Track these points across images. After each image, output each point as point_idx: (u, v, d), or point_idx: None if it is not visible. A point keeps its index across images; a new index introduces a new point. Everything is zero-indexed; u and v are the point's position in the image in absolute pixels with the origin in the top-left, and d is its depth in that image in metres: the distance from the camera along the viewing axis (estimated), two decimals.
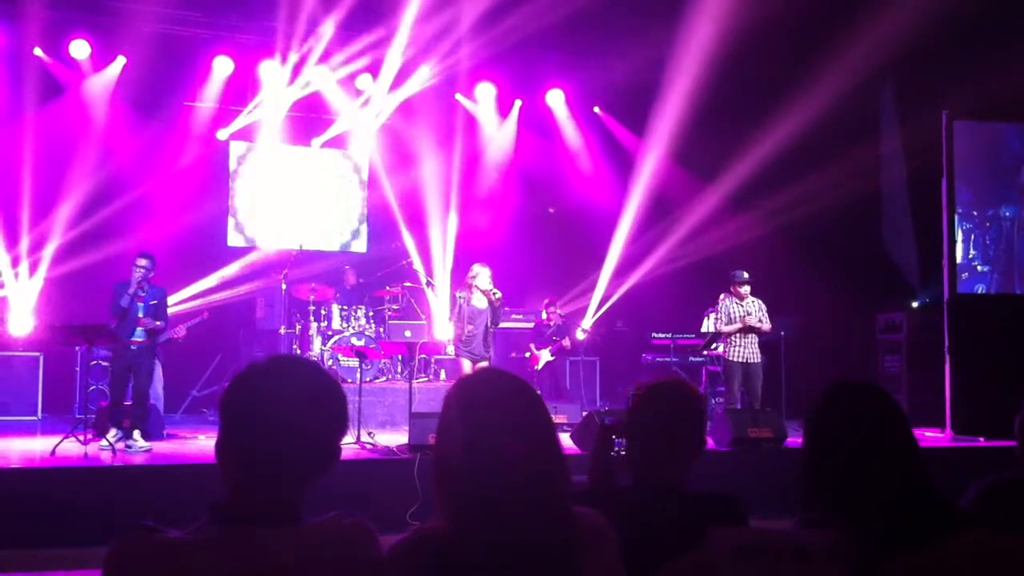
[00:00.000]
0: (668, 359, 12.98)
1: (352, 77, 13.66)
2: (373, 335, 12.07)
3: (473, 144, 14.65)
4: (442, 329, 12.50)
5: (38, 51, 12.25)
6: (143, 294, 9.02)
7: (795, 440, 8.95)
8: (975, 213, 10.97)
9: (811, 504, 2.19)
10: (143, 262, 9.05)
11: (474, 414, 1.96)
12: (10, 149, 11.81)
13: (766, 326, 10.47)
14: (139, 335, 9.01)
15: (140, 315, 9.00)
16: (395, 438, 9.13)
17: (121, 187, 12.32)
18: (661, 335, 13.22)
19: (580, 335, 13.10)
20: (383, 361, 12.10)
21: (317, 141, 14.19)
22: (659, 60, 12.27)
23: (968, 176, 10.95)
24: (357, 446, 8.76)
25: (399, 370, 12.25)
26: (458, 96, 14.41)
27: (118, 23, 11.88)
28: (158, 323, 9.14)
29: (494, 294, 9.90)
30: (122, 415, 8.88)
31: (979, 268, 10.97)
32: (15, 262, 11.90)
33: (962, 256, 10.86)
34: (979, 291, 10.99)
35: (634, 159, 13.99)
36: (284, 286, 11.82)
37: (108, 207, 12.19)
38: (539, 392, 2.10)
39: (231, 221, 13.80)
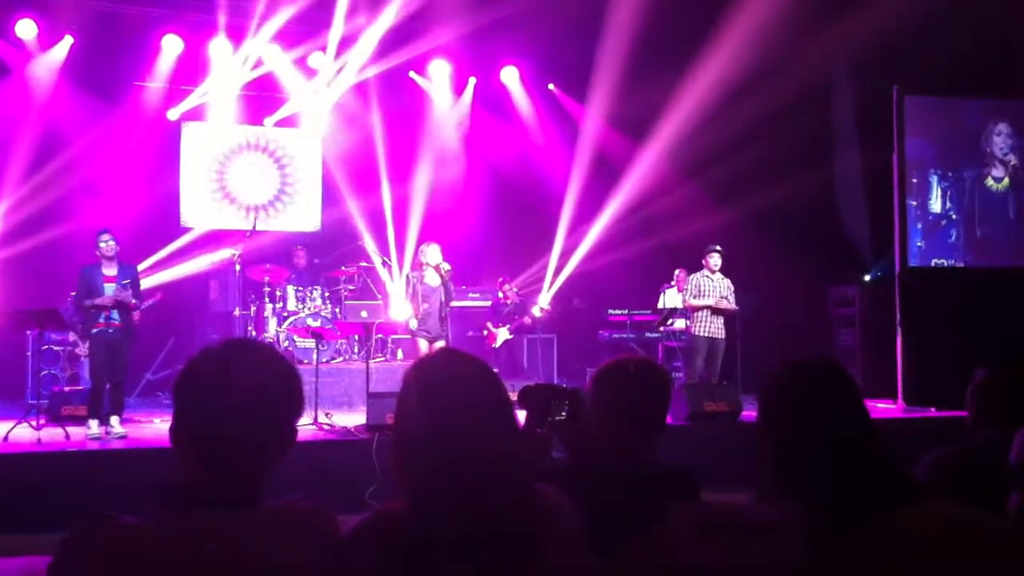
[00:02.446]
0: (625, 335, 13.05)
1: (305, 55, 13.52)
2: (329, 316, 12.01)
3: (427, 123, 14.55)
4: (398, 309, 12.47)
5: None
6: (113, 274, 8.82)
7: (750, 414, 9.04)
8: (951, 173, 11.30)
9: (769, 479, 2.22)
10: (107, 237, 8.81)
11: (432, 395, 1.96)
12: None
13: (732, 306, 10.60)
14: (115, 317, 8.73)
15: (112, 295, 8.71)
16: (353, 418, 9.13)
17: (71, 169, 12.12)
18: (618, 312, 13.29)
19: (538, 312, 13.13)
20: (340, 342, 12.05)
21: (270, 120, 14.03)
22: (614, 35, 12.30)
23: (934, 139, 11.27)
24: (315, 427, 8.74)
25: (356, 350, 12.21)
26: (412, 74, 14.30)
27: (65, 2, 11.63)
28: (134, 300, 8.93)
29: (443, 268, 9.94)
30: (103, 403, 8.68)
31: (953, 216, 11.40)
32: None
33: (940, 208, 11.34)
34: (953, 237, 11.38)
35: (588, 136, 14.01)
36: (238, 267, 11.70)
37: (57, 189, 11.99)
38: (496, 370, 2.10)
39: (184, 202, 13.62)
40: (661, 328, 12.37)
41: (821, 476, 2.09)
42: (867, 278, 13.05)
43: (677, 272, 12.31)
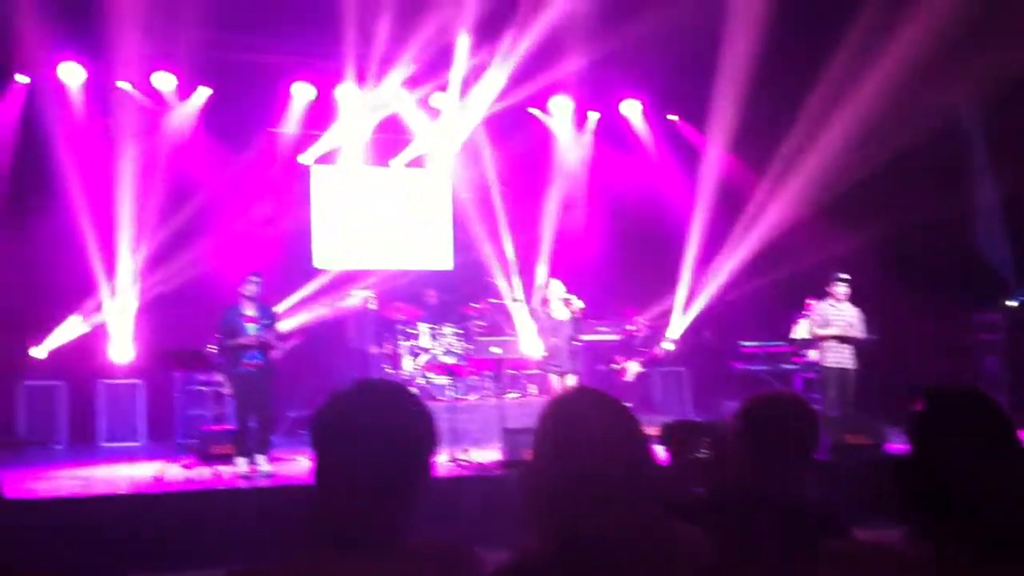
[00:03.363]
0: (759, 367, 12.81)
1: (428, 96, 13.79)
2: (462, 352, 12.14)
3: (551, 158, 14.66)
4: (530, 344, 12.52)
5: (123, 84, 12.57)
6: (254, 314, 9.14)
7: (894, 446, 8.76)
8: None
9: (913, 513, 2.16)
10: (255, 279, 9.16)
11: (567, 433, 1.97)
12: (100, 181, 12.18)
13: (861, 335, 10.27)
14: (257, 357, 9.04)
15: (254, 335, 9.05)
16: (488, 455, 9.18)
17: (208, 214, 12.66)
18: (750, 343, 13.05)
19: (668, 345, 13.01)
20: (473, 377, 12.15)
21: (397, 161, 14.33)
22: (733, 63, 12.20)
23: None
24: (451, 464, 8.81)
25: (489, 386, 12.29)
26: (533, 110, 14.45)
27: (199, 54, 12.09)
28: (278, 344, 9.22)
29: (575, 304, 9.96)
30: (248, 441, 8.97)
31: None
32: (113, 291, 12.23)
33: None
34: None
35: (712, 166, 13.90)
36: (372, 306, 11.94)
37: (196, 234, 12.54)
38: (631, 407, 2.09)
39: (316, 243, 13.98)
40: (796, 359, 12.12)
41: (969, 509, 2.02)
42: (1012, 303, 12.54)
43: (810, 302, 12.04)
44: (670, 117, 14.79)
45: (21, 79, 12.22)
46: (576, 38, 12.11)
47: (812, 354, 11.66)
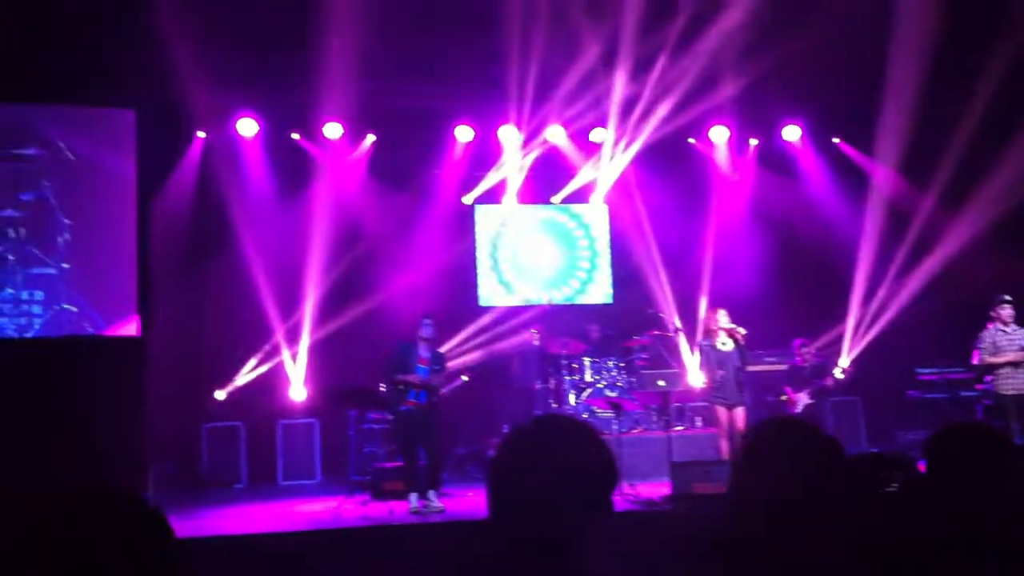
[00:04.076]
0: (937, 396, 12.27)
1: (586, 131, 13.91)
2: (625, 386, 12.09)
3: (711, 187, 14.54)
4: (695, 377, 12.37)
5: (295, 135, 13.20)
6: (427, 356, 9.36)
7: None
8: None
9: None
10: (430, 321, 9.44)
11: (771, 467, 1.94)
12: (274, 227, 12.73)
13: None
14: (422, 397, 9.24)
15: (422, 376, 9.28)
16: (656, 489, 9.10)
17: (376, 255, 13.10)
18: (927, 371, 12.53)
19: (839, 375, 12.63)
20: (638, 411, 12.07)
21: (557, 197, 14.47)
22: (898, 81, 11.87)
23: None
24: (619, 498, 8.77)
25: (654, 420, 12.19)
26: (692, 141, 14.39)
27: (366, 103, 12.53)
28: (444, 387, 9.47)
29: (739, 331, 9.82)
30: (417, 477, 9.15)
31: None
32: (289, 333, 12.72)
33: None
34: None
35: (880, 189, 13.51)
36: (537, 342, 12.05)
37: (365, 275, 12.99)
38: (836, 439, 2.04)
39: (480, 281, 14.24)
40: (977, 386, 11.58)
41: None
42: None
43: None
44: (833, 140, 14.47)
45: (200, 134, 12.92)
46: (733, 64, 12.02)
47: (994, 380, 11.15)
